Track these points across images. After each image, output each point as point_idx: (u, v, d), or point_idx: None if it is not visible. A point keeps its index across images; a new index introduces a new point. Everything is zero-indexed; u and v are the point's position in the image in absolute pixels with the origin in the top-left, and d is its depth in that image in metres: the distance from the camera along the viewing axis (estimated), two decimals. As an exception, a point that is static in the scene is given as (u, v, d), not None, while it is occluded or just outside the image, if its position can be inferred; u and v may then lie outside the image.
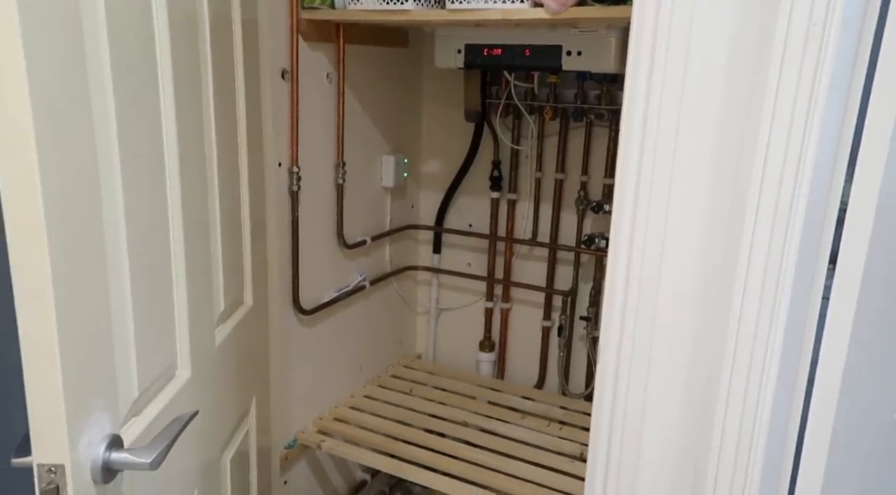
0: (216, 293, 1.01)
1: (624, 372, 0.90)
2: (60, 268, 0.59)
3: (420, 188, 1.93)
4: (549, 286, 1.82)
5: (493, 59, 1.44)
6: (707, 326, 0.83)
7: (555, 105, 1.65)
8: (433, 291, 1.99)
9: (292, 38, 1.33)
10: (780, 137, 0.74)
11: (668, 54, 0.81)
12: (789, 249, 0.76)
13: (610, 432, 0.93)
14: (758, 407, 0.80)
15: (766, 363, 0.79)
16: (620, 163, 0.85)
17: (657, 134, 0.83)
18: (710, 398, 0.84)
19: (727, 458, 0.84)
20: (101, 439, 0.67)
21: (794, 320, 0.78)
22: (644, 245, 0.85)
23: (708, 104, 0.79)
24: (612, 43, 1.31)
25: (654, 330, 0.87)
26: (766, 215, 0.76)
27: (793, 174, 0.74)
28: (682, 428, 0.87)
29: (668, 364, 0.87)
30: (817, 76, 0.71)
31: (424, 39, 1.78)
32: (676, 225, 0.84)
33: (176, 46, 0.82)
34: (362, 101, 1.60)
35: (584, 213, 1.73)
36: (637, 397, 0.90)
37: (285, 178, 1.39)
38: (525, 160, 1.79)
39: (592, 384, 1.80)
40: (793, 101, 0.73)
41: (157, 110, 0.80)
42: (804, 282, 0.78)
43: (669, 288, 0.85)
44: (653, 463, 0.90)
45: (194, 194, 0.91)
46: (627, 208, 0.86)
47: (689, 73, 0.79)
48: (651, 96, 0.82)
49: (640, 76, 0.82)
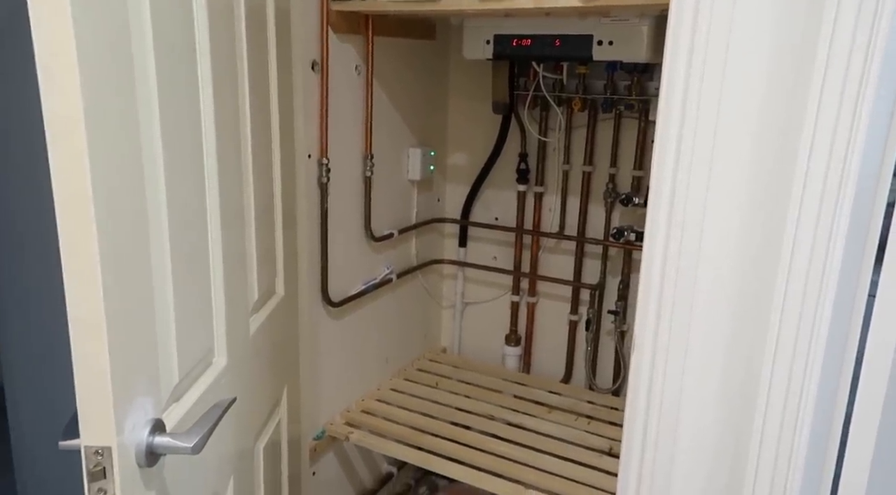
0: (251, 282, 1.01)
1: (660, 362, 0.89)
2: (107, 251, 0.59)
3: (446, 181, 1.92)
4: (577, 280, 1.80)
5: (522, 50, 1.43)
6: (747, 321, 0.82)
7: (584, 96, 1.63)
8: (459, 285, 1.98)
9: (323, 29, 1.33)
10: (827, 125, 0.73)
11: (708, 37, 0.79)
12: (835, 243, 0.74)
13: (645, 423, 0.92)
14: (800, 406, 0.79)
15: (809, 361, 0.77)
16: (657, 151, 0.83)
17: (696, 121, 0.81)
18: (750, 393, 0.82)
19: (768, 452, 0.82)
20: (144, 423, 0.67)
21: (838, 317, 0.76)
22: (682, 235, 0.84)
23: (750, 89, 0.77)
24: (643, 32, 1.29)
25: (691, 321, 0.86)
26: (810, 208, 0.75)
27: (839, 165, 0.73)
28: (720, 419, 0.86)
29: (704, 358, 0.86)
30: (869, 57, 0.69)
31: (451, 31, 1.77)
32: (715, 214, 0.82)
33: (214, 37, 0.83)
34: (390, 93, 1.60)
35: (612, 206, 1.71)
36: (674, 386, 0.89)
37: (315, 170, 1.39)
38: (552, 152, 1.77)
39: (620, 379, 1.79)
40: (841, 85, 0.71)
41: (196, 100, 0.80)
42: (850, 277, 0.76)
43: (707, 279, 0.84)
44: (689, 452, 0.89)
45: (231, 184, 0.91)
46: (665, 196, 0.84)
47: (730, 56, 0.78)
48: (690, 81, 0.80)
49: (679, 61, 0.81)
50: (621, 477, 0.95)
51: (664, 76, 0.81)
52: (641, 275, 0.87)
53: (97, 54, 0.58)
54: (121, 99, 0.62)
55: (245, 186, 0.98)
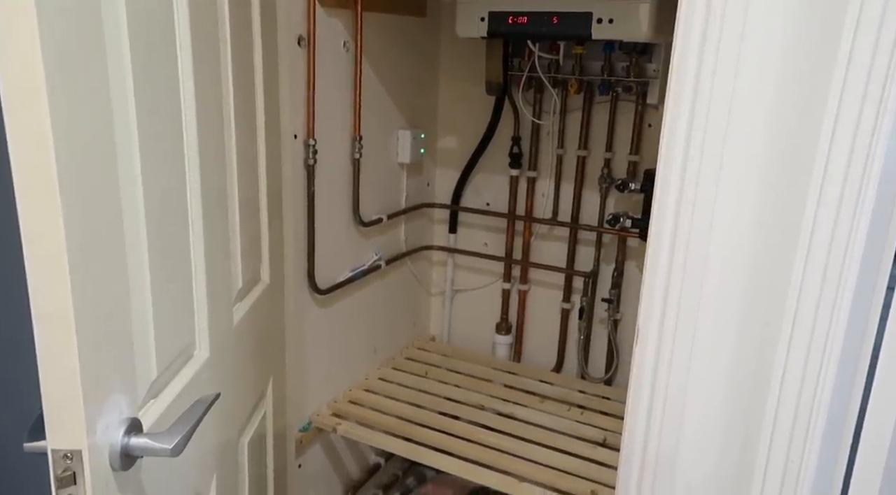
0: (234, 270, 0.96)
1: (666, 347, 0.86)
2: (75, 238, 0.54)
3: (436, 165, 1.87)
4: (570, 267, 1.77)
5: (518, 27, 1.37)
6: (760, 308, 0.78)
7: (580, 77, 1.58)
8: (449, 272, 1.94)
9: (310, 2, 1.26)
10: (852, 107, 0.68)
11: (725, 9, 0.74)
12: (857, 230, 0.70)
13: (649, 411, 0.88)
14: (816, 394, 0.75)
15: (827, 350, 0.74)
16: (667, 126, 0.79)
17: (710, 97, 0.77)
18: (762, 381, 0.79)
19: (780, 441, 0.79)
20: (119, 423, 0.62)
21: (858, 305, 0.72)
22: (692, 215, 0.80)
23: (767, 67, 0.73)
24: (646, 9, 1.24)
25: (699, 304, 0.82)
26: (832, 192, 0.71)
27: (864, 148, 0.68)
28: (729, 406, 0.83)
29: (713, 344, 0.82)
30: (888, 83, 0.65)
31: (443, 8, 1.71)
32: (728, 193, 0.78)
33: (194, 8, 0.76)
34: (379, 72, 1.54)
35: (607, 192, 1.67)
36: (680, 371, 0.85)
37: (301, 151, 1.33)
38: (546, 136, 1.72)
39: (613, 368, 1.76)
40: (870, 60, 0.67)
41: (174, 75, 0.74)
42: (870, 265, 0.72)
43: (718, 261, 0.80)
44: (695, 440, 0.86)
45: (213, 166, 0.85)
46: (675, 174, 0.80)
47: (748, 32, 0.73)
48: (704, 58, 0.76)
49: (690, 42, 0.76)
50: (622, 469, 0.92)
51: (675, 51, 0.77)
52: (647, 255, 0.83)
53: (62, 22, 0.51)
54: (88, 70, 0.56)
55: (228, 168, 0.92)
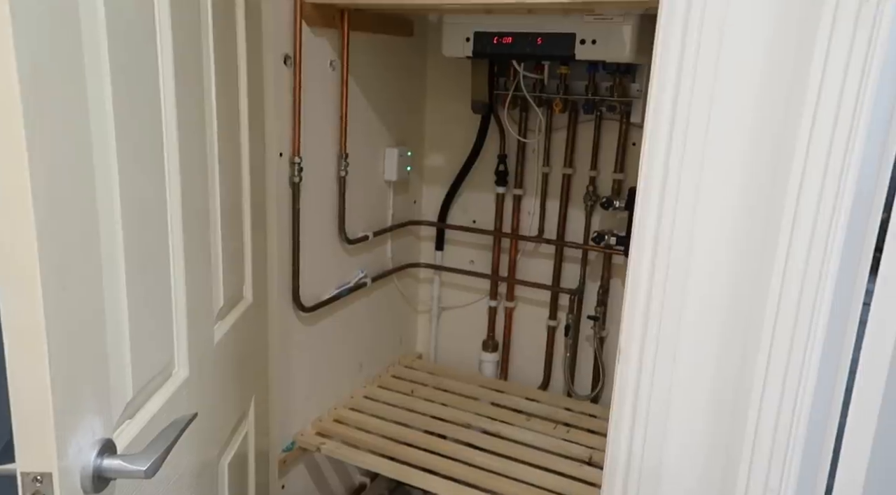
0: (215, 288, 0.95)
1: (646, 373, 0.86)
2: (49, 249, 0.53)
3: (423, 182, 1.87)
4: (556, 284, 1.77)
5: (503, 48, 1.39)
6: (739, 330, 0.79)
7: (565, 97, 1.60)
8: (435, 289, 1.93)
9: (296, 21, 1.27)
10: (825, 127, 0.69)
11: (700, 33, 0.76)
12: (831, 251, 0.71)
13: (631, 434, 0.88)
14: (793, 418, 0.76)
15: (804, 372, 0.74)
16: (646, 153, 0.80)
17: (687, 121, 0.78)
18: (741, 404, 0.79)
19: (760, 464, 0.79)
20: (92, 444, 0.61)
21: (834, 322, 0.73)
22: (671, 241, 0.81)
23: (745, 89, 0.74)
24: (628, 30, 1.26)
25: (679, 329, 0.83)
26: (806, 214, 0.71)
27: (837, 170, 0.70)
28: (710, 429, 0.83)
29: (695, 362, 0.83)
30: (868, 62, 0.67)
31: (430, 28, 1.72)
32: (706, 219, 0.79)
33: (177, 25, 0.77)
34: (365, 90, 1.55)
35: (592, 210, 1.68)
36: (661, 397, 0.85)
37: (286, 169, 1.33)
38: (532, 154, 1.74)
39: (599, 386, 1.76)
40: (840, 86, 0.68)
41: (156, 93, 0.74)
42: (846, 285, 0.73)
43: (698, 285, 0.80)
44: (677, 464, 0.86)
45: (194, 182, 0.85)
46: (653, 201, 0.81)
47: (723, 54, 0.75)
48: (682, 77, 0.77)
49: (670, 58, 0.77)
50: (605, 487, 0.91)
51: (654, 75, 0.78)
52: (628, 281, 0.83)
53: (37, 35, 0.52)
54: (65, 82, 0.56)
55: (210, 185, 0.92)
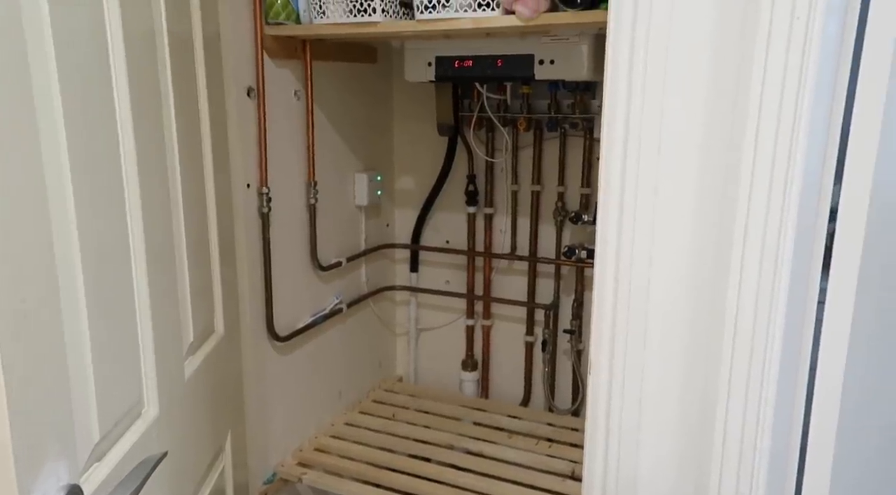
0: (184, 322, 0.95)
1: (617, 389, 0.87)
2: (4, 294, 0.53)
3: (394, 205, 1.88)
4: (531, 300, 1.78)
5: (464, 71, 1.41)
6: (701, 333, 0.80)
7: (528, 116, 1.63)
8: (412, 311, 1.94)
9: (257, 54, 1.28)
10: (769, 133, 0.72)
11: (647, 54, 0.78)
12: (782, 255, 0.73)
13: (606, 449, 0.89)
14: (759, 413, 0.77)
15: (766, 366, 0.76)
16: (603, 173, 0.82)
17: (640, 139, 0.80)
18: (709, 408, 0.81)
19: (730, 467, 0.80)
20: (57, 491, 0.60)
21: (791, 326, 0.75)
22: (631, 258, 0.82)
23: (692, 106, 0.77)
24: (584, 50, 1.29)
25: (644, 346, 0.84)
26: (756, 224, 0.74)
27: (782, 178, 0.72)
28: (681, 443, 0.84)
29: (662, 375, 0.84)
30: (802, 75, 0.69)
31: (394, 54, 1.75)
32: (664, 233, 0.81)
33: (133, 63, 0.77)
34: (332, 118, 1.56)
35: (562, 225, 1.71)
36: (632, 410, 0.86)
37: (254, 200, 1.33)
38: (500, 173, 1.76)
39: (579, 399, 1.77)
40: (779, 102, 0.71)
41: (112, 129, 0.74)
42: (799, 287, 0.75)
43: (660, 297, 0.82)
44: (651, 475, 0.87)
45: (157, 217, 0.85)
46: (612, 217, 0.83)
47: (669, 73, 0.77)
48: (632, 98, 0.79)
49: (619, 78, 0.80)
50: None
51: (606, 93, 0.80)
52: (594, 296, 0.85)
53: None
54: (17, 132, 0.56)
55: (175, 220, 0.92)
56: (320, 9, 1.24)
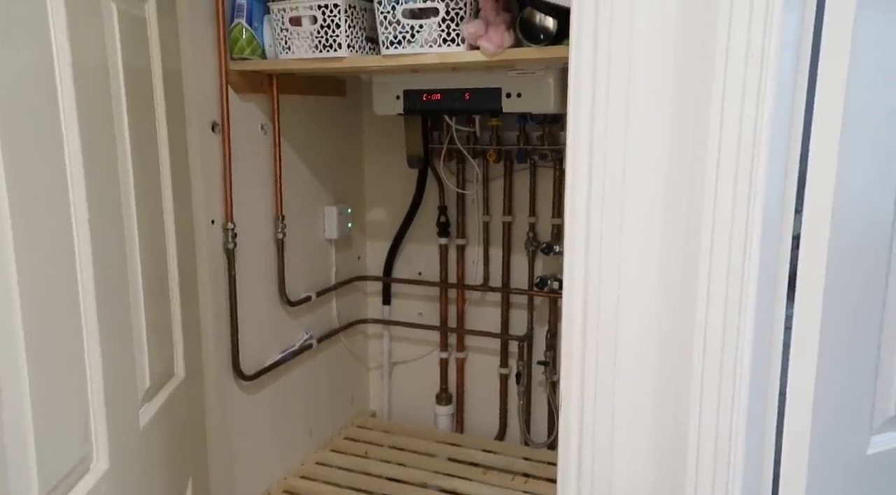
0: (140, 367, 0.91)
1: (588, 421, 0.85)
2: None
3: (366, 237, 1.86)
4: (504, 332, 1.77)
5: (432, 104, 1.41)
6: (671, 368, 0.79)
7: (498, 147, 1.63)
8: (385, 344, 1.90)
9: (222, 89, 1.27)
10: (729, 162, 0.72)
11: (609, 89, 0.79)
12: (748, 282, 0.73)
13: (579, 474, 0.87)
14: (731, 438, 0.76)
15: (735, 394, 0.75)
16: (568, 206, 0.81)
17: (604, 169, 0.80)
18: (681, 434, 0.79)
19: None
20: (-11, 559, 0.56)
21: (759, 351, 0.75)
22: (599, 288, 0.81)
23: (654, 137, 0.77)
24: (550, 84, 1.30)
25: (616, 373, 0.83)
26: (721, 251, 0.74)
27: (744, 206, 0.72)
28: (653, 466, 0.82)
29: (632, 405, 0.83)
30: (760, 100, 0.70)
31: (362, 86, 1.75)
32: (631, 264, 0.80)
33: (82, 99, 0.75)
34: (300, 151, 1.55)
35: (534, 255, 1.70)
36: (604, 441, 0.85)
37: (219, 236, 1.30)
38: (472, 204, 1.76)
39: (555, 431, 1.74)
40: (738, 129, 0.71)
41: (60, 166, 0.72)
42: (765, 314, 0.75)
43: (628, 328, 0.81)
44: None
45: (109, 255, 0.82)
46: (579, 250, 0.82)
47: (631, 105, 0.77)
48: (595, 132, 0.79)
49: (581, 115, 0.80)
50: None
51: (569, 131, 0.80)
52: (563, 320, 0.84)
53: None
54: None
55: (129, 256, 0.89)
56: (286, 44, 1.23)
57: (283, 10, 1.21)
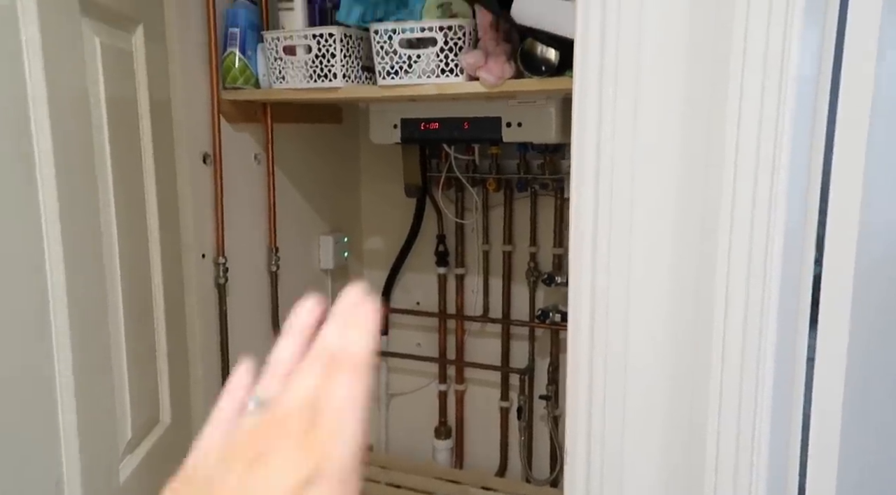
0: (121, 415, 0.86)
1: (596, 463, 0.80)
2: None
3: (363, 266, 1.82)
4: (505, 364, 1.71)
5: (430, 133, 1.38)
6: (684, 398, 0.75)
7: (497, 176, 1.59)
8: (382, 376, 1.85)
9: (213, 119, 1.23)
10: (746, 192, 0.68)
11: (614, 126, 0.75)
12: (768, 314, 0.68)
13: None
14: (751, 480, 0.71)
15: (755, 438, 0.70)
16: (573, 233, 0.77)
17: (611, 194, 0.76)
18: (696, 476, 0.74)
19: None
20: None
21: (780, 388, 0.70)
22: (607, 320, 0.77)
23: (663, 171, 0.73)
24: (552, 113, 1.27)
25: (624, 410, 0.78)
26: (738, 280, 0.69)
27: (763, 236, 0.68)
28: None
29: (642, 448, 0.78)
30: (778, 133, 0.66)
31: (360, 113, 1.72)
32: (640, 295, 0.76)
33: (59, 132, 0.71)
34: (295, 180, 1.51)
35: (535, 286, 1.65)
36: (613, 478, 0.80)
37: (210, 270, 1.26)
38: (471, 232, 1.71)
39: (558, 468, 1.68)
40: (755, 156, 0.67)
41: (33, 199, 0.68)
42: (786, 347, 0.70)
43: (638, 362, 0.77)
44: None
45: (86, 294, 0.77)
46: (586, 282, 0.78)
47: (638, 140, 0.74)
48: (601, 164, 0.75)
49: (586, 152, 0.76)
50: None
51: (573, 165, 0.76)
52: (569, 352, 0.79)
53: None
54: None
55: (111, 297, 0.85)
56: (280, 73, 1.20)
57: (277, 39, 1.18)
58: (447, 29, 1.07)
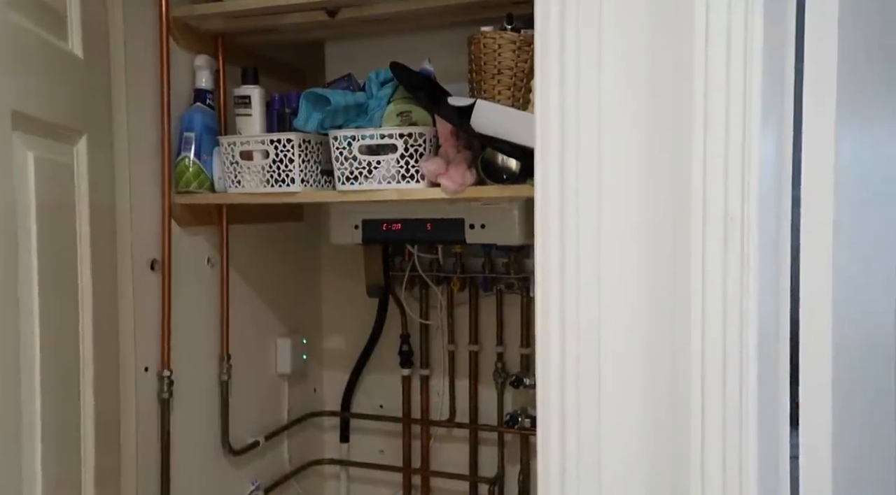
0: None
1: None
2: None
3: (323, 369, 1.73)
4: (473, 473, 1.61)
5: (392, 234, 1.35)
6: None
7: (462, 275, 1.56)
8: (342, 487, 1.72)
9: (164, 224, 1.18)
10: (715, 287, 0.65)
11: (578, 243, 0.73)
12: (747, 416, 0.64)
13: None
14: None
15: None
16: (540, 346, 0.73)
17: (577, 310, 0.72)
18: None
19: None
20: None
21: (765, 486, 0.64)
22: (578, 428, 0.71)
23: (630, 283, 0.70)
24: (515, 216, 1.25)
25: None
26: (714, 384, 0.65)
27: (736, 314, 0.64)
28: None
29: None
30: (745, 200, 0.64)
31: (321, 212, 1.69)
32: (611, 403, 0.71)
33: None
34: (252, 281, 1.45)
35: (504, 387, 1.59)
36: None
37: (153, 384, 1.16)
38: (436, 332, 1.66)
39: None
40: (723, 242, 0.64)
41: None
42: (769, 444, 0.65)
43: (612, 471, 0.70)
44: None
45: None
46: (554, 388, 0.72)
47: (602, 255, 0.71)
48: (567, 268, 0.72)
49: (551, 257, 0.73)
50: None
51: (538, 270, 0.73)
52: (539, 458, 0.72)
53: None
54: None
55: (27, 421, 0.76)
56: (236, 178, 1.17)
57: (233, 144, 1.16)
58: (407, 136, 1.06)
